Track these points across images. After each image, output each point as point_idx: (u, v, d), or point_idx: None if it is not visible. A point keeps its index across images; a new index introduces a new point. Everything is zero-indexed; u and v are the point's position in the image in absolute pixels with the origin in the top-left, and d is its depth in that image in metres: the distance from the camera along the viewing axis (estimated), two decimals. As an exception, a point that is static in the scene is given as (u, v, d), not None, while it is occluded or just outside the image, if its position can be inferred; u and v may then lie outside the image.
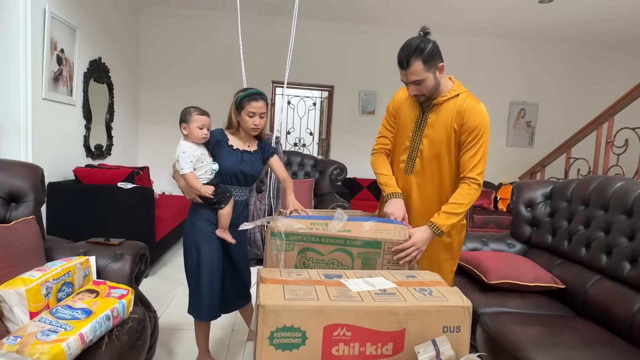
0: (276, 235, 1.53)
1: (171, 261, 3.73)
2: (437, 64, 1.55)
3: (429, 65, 1.52)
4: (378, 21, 4.96)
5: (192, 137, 1.77)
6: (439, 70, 1.56)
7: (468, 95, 1.64)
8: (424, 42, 1.51)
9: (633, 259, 1.71)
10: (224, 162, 1.84)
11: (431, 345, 1.04)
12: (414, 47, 1.50)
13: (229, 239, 1.86)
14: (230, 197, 1.84)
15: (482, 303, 1.85)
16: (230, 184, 1.87)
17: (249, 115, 1.80)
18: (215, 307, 1.89)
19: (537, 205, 2.34)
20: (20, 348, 1.13)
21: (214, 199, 1.80)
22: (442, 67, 1.57)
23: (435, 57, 1.54)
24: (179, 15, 4.95)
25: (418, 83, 1.55)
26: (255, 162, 1.91)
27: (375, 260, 1.52)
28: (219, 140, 1.85)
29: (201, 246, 1.85)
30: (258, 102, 1.79)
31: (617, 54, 5.52)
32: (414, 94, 1.60)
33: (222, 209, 1.82)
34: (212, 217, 1.85)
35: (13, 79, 2.77)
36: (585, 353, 1.42)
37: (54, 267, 1.45)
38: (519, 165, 5.44)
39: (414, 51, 1.50)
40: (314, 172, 4.48)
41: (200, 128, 1.76)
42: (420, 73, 1.52)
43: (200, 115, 1.77)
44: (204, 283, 1.85)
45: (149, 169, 4.16)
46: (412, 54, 1.50)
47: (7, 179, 1.67)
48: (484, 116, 1.58)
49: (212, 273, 1.85)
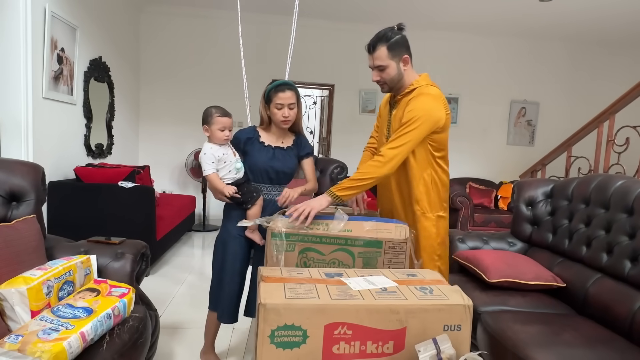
0: (276, 236, 1.53)
1: (172, 260, 3.73)
2: (402, 55, 1.66)
3: (393, 54, 1.64)
4: (378, 20, 4.95)
5: (214, 139, 1.76)
6: (403, 62, 1.67)
7: (423, 87, 1.66)
8: (392, 32, 1.65)
9: (634, 258, 1.71)
10: (254, 159, 1.80)
11: (432, 344, 1.04)
12: (382, 35, 1.65)
13: (258, 240, 1.80)
14: (257, 196, 1.79)
15: (482, 302, 1.85)
16: (262, 183, 1.83)
17: (277, 108, 1.74)
18: (231, 311, 1.86)
19: (537, 203, 2.34)
20: (22, 347, 1.13)
21: (241, 199, 1.77)
22: (407, 59, 1.67)
23: (401, 47, 1.66)
24: (180, 14, 4.94)
25: (381, 69, 1.67)
26: (288, 159, 1.84)
27: (376, 260, 1.52)
28: (250, 138, 1.81)
29: (227, 246, 1.83)
30: (285, 92, 1.73)
31: (618, 52, 5.51)
32: (376, 80, 1.71)
33: (249, 209, 1.78)
34: (242, 218, 1.79)
35: (13, 78, 2.77)
36: (586, 352, 1.42)
37: (55, 266, 1.45)
38: (520, 163, 5.44)
39: (381, 38, 1.64)
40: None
41: (221, 130, 1.74)
42: (384, 59, 1.64)
43: (221, 117, 1.75)
44: (224, 284, 1.83)
45: (149, 168, 4.16)
46: (379, 40, 1.65)
47: (8, 178, 1.67)
48: (420, 107, 1.60)
49: (233, 274, 1.83)
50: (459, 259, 2.20)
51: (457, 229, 4.24)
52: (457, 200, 4.55)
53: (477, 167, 5.57)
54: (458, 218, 4.56)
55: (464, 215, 4.56)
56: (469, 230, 4.43)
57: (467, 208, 4.56)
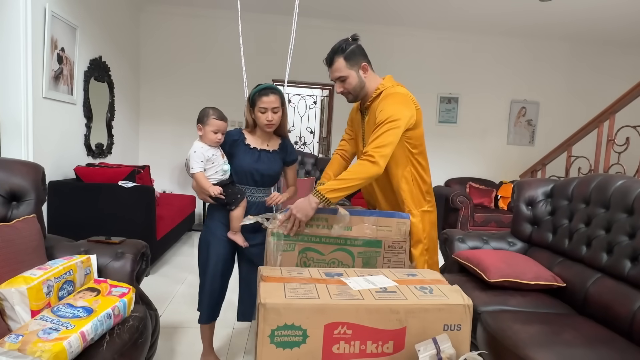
0: (276, 236, 1.53)
1: (172, 260, 3.73)
2: (360, 63, 1.70)
3: (351, 64, 1.68)
4: (377, 20, 4.95)
5: (206, 139, 1.77)
6: (363, 69, 1.71)
7: (390, 89, 1.69)
8: (346, 44, 1.69)
9: (634, 257, 1.71)
10: (240, 161, 1.81)
11: (432, 344, 1.04)
12: (337, 47, 1.69)
13: (240, 242, 1.81)
14: (241, 198, 1.79)
15: (482, 301, 1.85)
16: (247, 184, 1.83)
17: (261, 111, 1.76)
18: (211, 311, 1.88)
19: (537, 203, 2.34)
20: (22, 346, 1.14)
21: (225, 200, 1.78)
22: (366, 67, 1.71)
23: (357, 56, 1.69)
24: (180, 14, 4.94)
25: (342, 80, 1.71)
26: (273, 162, 1.85)
27: (376, 259, 1.52)
28: (235, 140, 1.83)
29: (209, 247, 1.84)
30: (269, 96, 1.74)
31: (618, 51, 5.51)
32: (340, 91, 1.76)
33: (233, 210, 1.78)
34: (225, 219, 1.82)
35: (14, 77, 2.77)
36: (586, 351, 1.42)
37: (55, 266, 1.45)
38: (520, 163, 5.44)
39: (336, 50, 1.69)
40: (314, 171, 4.48)
41: (214, 132, 1.75)
42: (343, 69, 1.68)
43: (217, 120, 1.75)
44: (205, 285, 1.85)
45: (149, 168, 4.16)
46: (335, 53, 1.69)
47: (8, 177, 1.67)
48: (391, 107, 1.62)
49: (215, 276, 1.84)
50: (459, 258, 2.20)
51: (457, 229, 4.24)
52: (457, 200, 4.55)
53: (477, 166, 5.57)
54: (458, 218, 4.56)
55: (464, 215, 4.56)
56: (469, 230, 4.43)
57: (467, 208, 4.56)
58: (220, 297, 1.90)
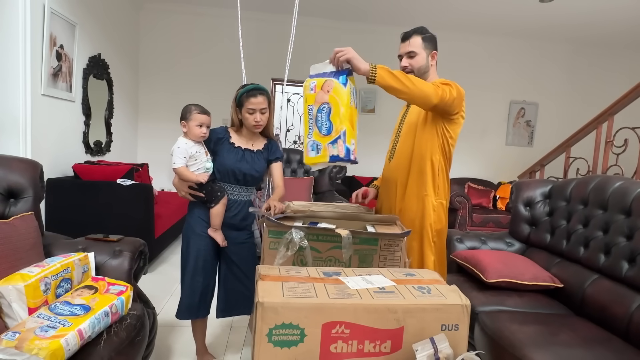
0: (273, 234, 1.53)
1: (170, 258, 3.73)
2: (432, 50, 1.81)
3: (425, 45, 1.78)
4: (377, 19, 4.95)
5: (191, 134, 1.76)
6: (432, 56, 1.81)
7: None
8: (427, 29, 1.81)
9: (631, 259, 1.71)
10: (223, 160, 1.81)
11: (429, 343, 1.05)
12: (418, 28, 1.80)
13: (219, 240, 1.82)
14: (222, 196, 1.80)
15: (480, 302, 1.85)
16: (229, 183, 1.84)
17: (249, 112, 1.76)
18: (192, 308, 1.85)
19: (536, 204, 2.34)
20: (19, 344, 1.13)
21: (205, 197, 1.78)
22: (435, 55, 1.82)
23: (433, 42, 1.81)
24: (179, 12, 4.93)
25: (412, 56, 1.77)
26: (257, 162, 1.85)
27: (372, 257, 1.52)
28: (220, 138, 1.83)
29: (189, 243, 1.84)
30: (257, 97, 1.74)
31: (617, 53, 5.52)
32: (404, 66, 1.78)
33: (212, 208, 1.79)
34: (205, 216, 1.82)
35: (12, 74, 2.76)
36: (583, 352, 1.42)
37: (52, 263, 1.45)
38: (519, 164, 5.44)
39: (417, 30, 1.79)
40: (313, 170, 4.48)
41: (199, 126, 1.75)
42: (417, 46, 1.76)
43: (200, 114, 1.75)
44: (185, 281, 1.84)
45: (148, 166, 4.16)
46: (415, 31, 1.79)
47: (6, 174, 1.66)
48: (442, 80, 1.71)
49: (195, 272, 1.83)
50: (457, 258, 2.21)
51: (455, 229, 4.25)
52: (455, 200, 4.55)
53: (475, 167, 5.58)
54: (456, 218, 4.56)
55: (463, 215, 4.56)
56: (467, 230, 4.43)
57: (466, 208, 4.57)
58: (204, 294, 1.87)
